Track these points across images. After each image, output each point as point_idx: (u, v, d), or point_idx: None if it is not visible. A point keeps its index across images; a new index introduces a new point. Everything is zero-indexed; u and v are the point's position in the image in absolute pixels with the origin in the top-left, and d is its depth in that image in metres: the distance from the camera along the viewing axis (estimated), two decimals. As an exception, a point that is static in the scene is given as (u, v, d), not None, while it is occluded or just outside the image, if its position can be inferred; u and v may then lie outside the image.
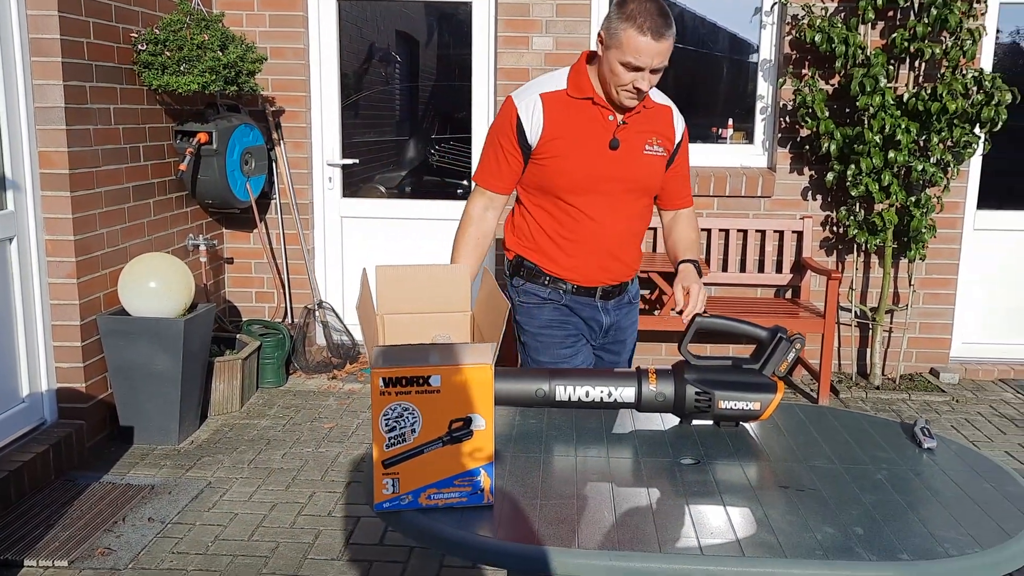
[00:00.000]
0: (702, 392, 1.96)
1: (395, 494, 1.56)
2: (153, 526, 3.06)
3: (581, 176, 2.27)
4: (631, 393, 1.98)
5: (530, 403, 1.99)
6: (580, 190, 2.28)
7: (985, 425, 4.25)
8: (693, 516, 1.55)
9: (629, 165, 2.29)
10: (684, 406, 1.97)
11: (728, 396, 1.96)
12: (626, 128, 2.28)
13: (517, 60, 4.75)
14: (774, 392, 1.96)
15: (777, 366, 2.01)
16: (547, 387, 1.98)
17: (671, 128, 2.36)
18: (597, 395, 1.97)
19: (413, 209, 5.10)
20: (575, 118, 2.25)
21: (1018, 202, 5.07)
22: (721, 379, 1.98)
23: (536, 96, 2.25)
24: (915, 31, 4.33)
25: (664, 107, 2.37)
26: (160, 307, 3.68)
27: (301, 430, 4.00)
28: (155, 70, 3.90)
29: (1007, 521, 1.55)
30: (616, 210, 2.33)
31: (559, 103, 2.25)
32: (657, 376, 1.99)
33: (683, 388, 1.97)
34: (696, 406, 1.96)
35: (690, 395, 1.96)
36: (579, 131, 2.25)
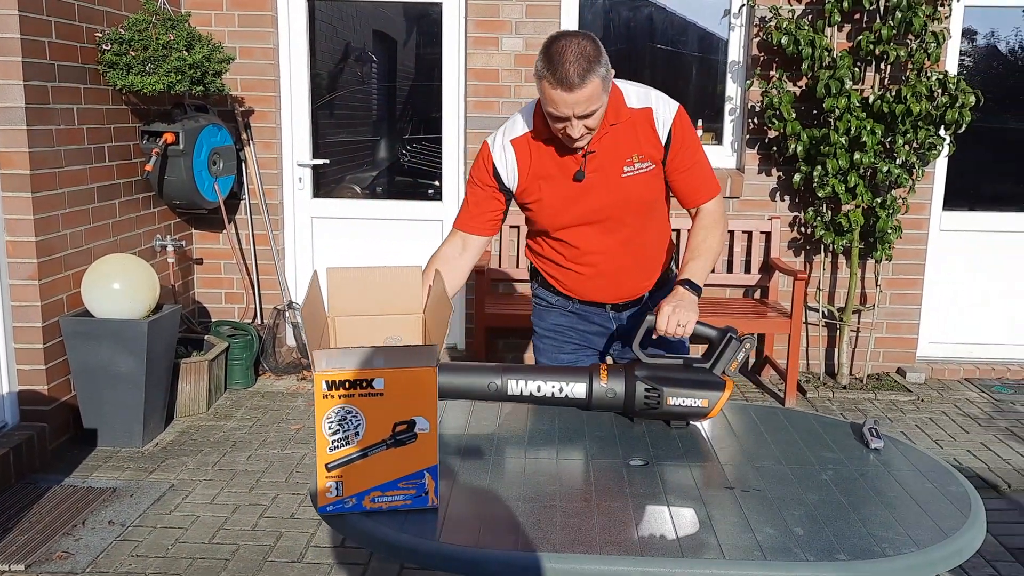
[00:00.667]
0: (651, 389, 1.97)
1: (339, 497, 1.56)
2: (113, 529, 3.04)
3: (557, 214, 2.25)
4: (582, 389, 2.00)
5: (483, 396, 2.01)
6: (563, 226, 2.27)
7: (949, 424, 4.30)
8: (636, 517, 1.56)
9: (606, 193, 2.21)
10: (634, 403, 1.99)
11: (677, 393, 1.98)
12: (595, 156, 2.18)
13: (487, 61, 4.75)
14: (722, 390, 1.99)
15: (727, 365, 2.04)
16: (499, 381, 2.00)
17: (653, 133, 2.19)
18: (548, 390, 1.99)
19: (384, 210, 5.09)
20: (543, 160, 2.22)
21: (983, 203, 5.13)
22: (671, 376, 2.00)
23: (507, 143, 2.23)
24: (880, 34, 4.36)
25: (642, 111, 2.19)
26: (124, 308, 3.65)
27: (268, 432, 3.98)
28: (120, 70, 3.87)
29: (945, 520, 1.57)
30: (611, 235, 2.26)
31: (527, 147, 2.22)
32: (608, 373, 2.01)
33: (633, 385, 1.99)
34: (646, 403, 1.98)
35: (640, 392, 1.98)
36: (548, 172, 2.22)
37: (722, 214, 2.33)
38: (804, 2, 4.64)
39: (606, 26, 4.99)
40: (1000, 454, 3.92)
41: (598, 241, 2.28)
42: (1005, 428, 4.25)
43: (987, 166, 5.18)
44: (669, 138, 2.20)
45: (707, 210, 2.30)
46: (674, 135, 2.20)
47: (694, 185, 2.28)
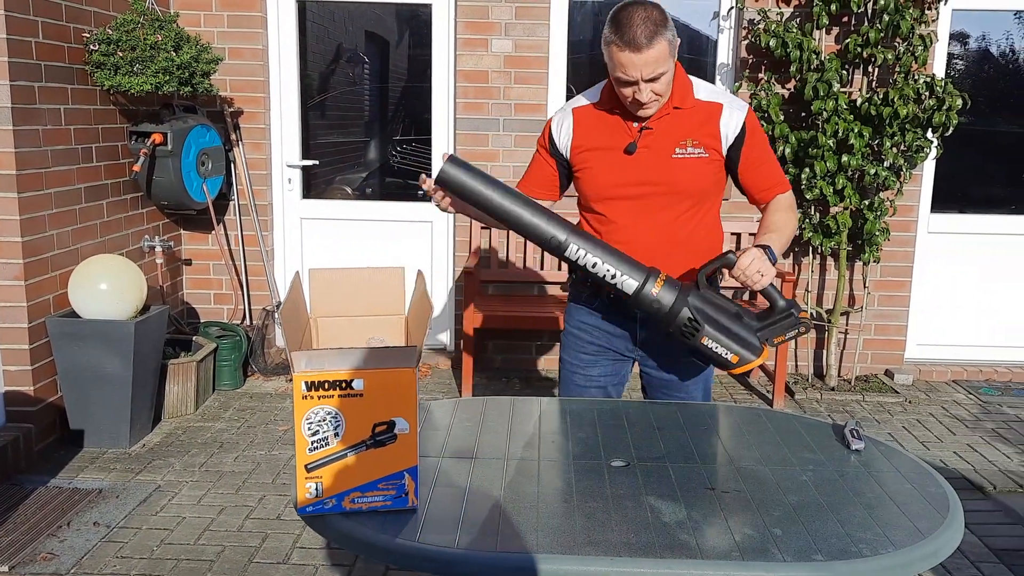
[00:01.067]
0: (694, 320, 1.98)
1: (318, 498, 1.56)
2: (99, 530, 3.03)
3: (602, 183, 2.27)
4: (633, 285, 2.00)
5: (540, 243, 2.02)
6: (605, 197, 2.28)
7: (936, 426, 4.31)
8: (616, 518, 1.56)
9: (653, 169, 2.22)
10: (672, 323, 2.00)
11: (714, 336, 2.00)
12: (651, 132, 2.22)
13: (476, 62, 4.75)
14: (757, 355, 2.00)
15: (774, 335, 2.05)
16: (563, 238, 2.00)
17: (715, 127, 2.22)
18: (603, 270, 2.01)
19: (374, 211, 5.09)
20: (600, 128, 2.27)
21: (971, 205, 5.15)
22: (718, 319, 2.01)
23: (569, 110, 2.32)
24: (868, 37, 4.38)
25: (712, 104, 2.24)
26: (111, 309, 3.65)
27: (255, 433, 3.98)
28: (107, 70, 3.87)
29: (923, 521, 1.58)
30: (647, 216, 2.26)
31: (588, 116, 2.29)
32: (664, 284, 2.01)
33: (680, 307, 1.99)
34: (682, 330, 1.99)
35: (683, 317, 1.98)
36: (602, 140, 2.27)
37: (793, 207, 2.34)
38: (792, 5, 4.66)
39: (596, 28, 5.00)
40: (986, 456, 3.94)
41: (636, 219, 2.27)
42: (992, 430, 4.27)
43: (976, 168, 5.20)
44: (742, 134, 2.24)
45: (783, 197, 2.32)
46: (747, 131, 2.24)
47: (767, 178, 2.31)
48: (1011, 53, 5.09)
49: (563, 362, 2.50)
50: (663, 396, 2.45)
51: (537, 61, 4.75)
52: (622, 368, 2.47)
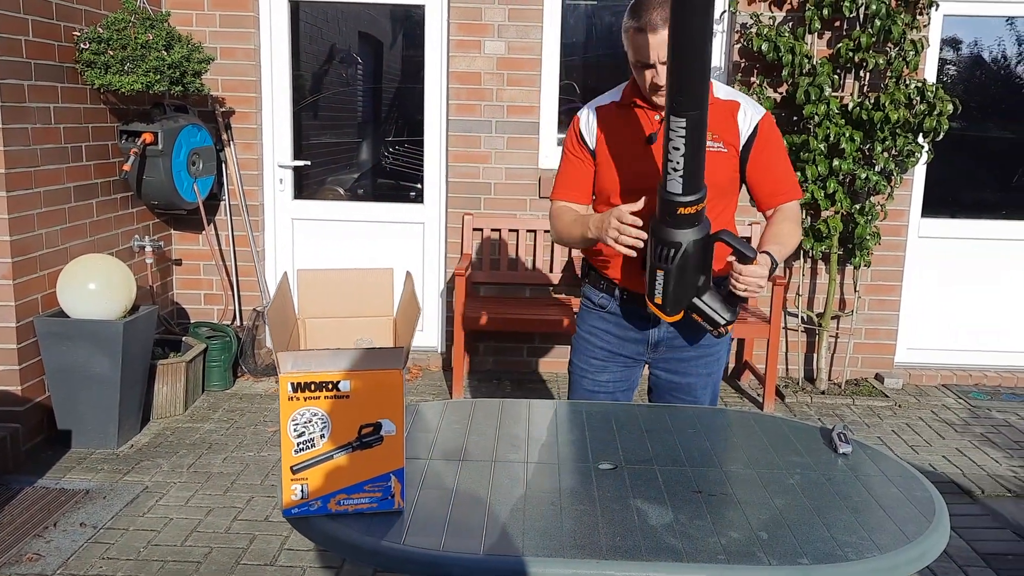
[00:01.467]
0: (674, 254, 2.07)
1: (304, 499, 1.55)
2: (85, 531, 3.01)
3: (623, 175, 2.29)
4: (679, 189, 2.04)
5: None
6: (624, 189, 2.29)
7: (925, 430, 4.32)
8: (602, 521, 1.56)
9: None
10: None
11: (709, 299, 2.16)
12: None
13: (469, 64, 4.75)
14: (670, 315, 2.17)
15: (698, 313, 2.18)
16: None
17: (734, 124, 2.25)
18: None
19: (366, 212, 5.08)
20: (622, 124, 2.30)
21: (962, 210, 5.17)
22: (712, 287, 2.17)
23: (592, 109, 2.36)
24: (860, 42, 4.39)
25: (729, 103, 2.27)
26: (100, 309, 3.63)
27: (244, 434, 3.96)
28: (98, 69, 3.85)
29: (909, 525, 1.58)
30: None
31: (610, 113, 2.33)
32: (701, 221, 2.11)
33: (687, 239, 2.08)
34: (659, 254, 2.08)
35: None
36: (624, 134, 2.30)
37: (798, 218, 2.34)
38: (785, 9, 4.67)
39: (588, 30, 5.01)
40: (975, 460, 3.95)
41: (652, 212, 2.24)
42: (981, 434, 4.28)
43: (968, 174, 5.22)
44: (754, 133, 2.25)
45: (789, 207, 2.32)
46: (760, 132, 2.26)
47: (776, 183, 2.31)
48: (1003, 59, 5.11)
49: (573, 366, 2.50)
50: (671, 401, 2.44)
51: (530, 63, 4.74)
52: (632, 373, 2.47)
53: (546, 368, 5.07)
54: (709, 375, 2.42)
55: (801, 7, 4.57)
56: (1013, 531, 3.28)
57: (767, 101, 4.52)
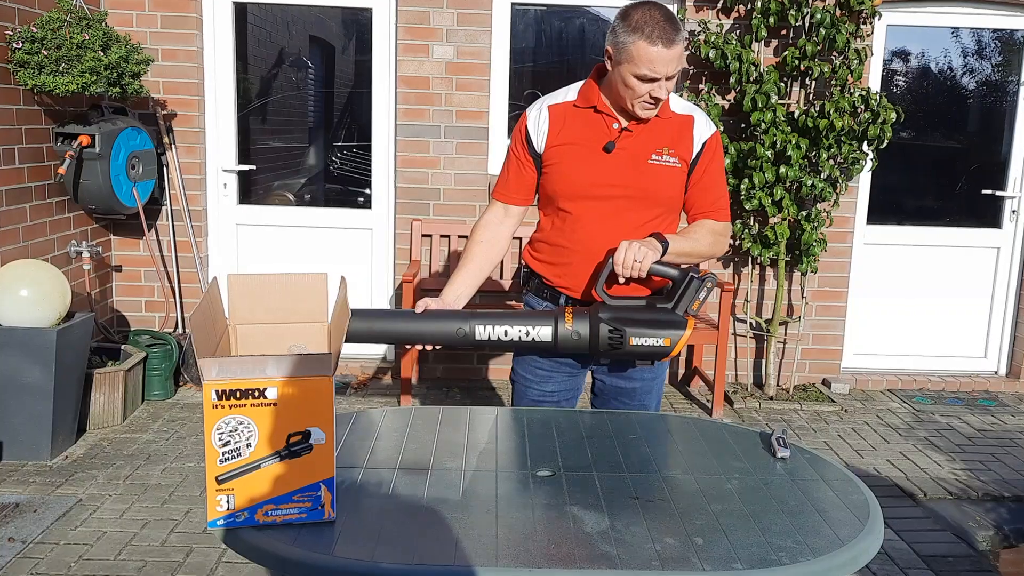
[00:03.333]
0: (615, 330, 2.05)
1: (230, 510, 1.50)
2: (13, 546, 2.90)
3: (575, 180, 2.25)
4: (548, 332, 2.06)
5: (451, 343, 2.05)
6: (575, 195, 2.26)
7: (871, 434, 4.37)
8: (538, 529, 1.53)
9: (628, 172, 2.22)
10: (598, 344, 2.06)
11: (639, 333, 2.06)
12: (630, 136, 2.23)
13: (417, 68, 4.71)
14: (684, 328, 2.07)
15: (689, 304, 2.13)
16: (467, 327, 2.04)
17: (689, 138, 2.25)
18: (515, 334, 2.05)
19: (312, 217, 5.01)
20: (578, 126, 2.27)
21: (907, 217, 5.25)
22: (633, 317, 2.08)
23: (544, 107, 2.31)
24: (805, 50, 4.44)
25: (685, 117, 2.28)
26: (32, 316, 3.51)
27: (185, 444, 3.86)
28: (31, 69, 3.74)
29: (843, 528, 1.57)
30: (615, 219, 2.24)
31: (564, 113, 2.28)
32: (573, 316, 2.07)
33: (597, 326, 2.06)
34: (609, 343, 2.05)
35: (604, 333, 2.05)
36: (579, 138, 2.26)
37: (722, 236, 2.33)
38: (732, 17, 4.71)
39: (537, 36, 5.00)
40: (918, 463, 4.00)
41: (603, 221, 2.25)
42: (924, 438, 4.34)
43: (913, 181, 5.31)
44: (702, 149, 2.27)
45: (712, 221, 2.32)
46: (706, 149, 2.28)
47: (707, 201, 2.32)
48: (949, 70, 5.21)
49: (516, 375, 2.46)
50: (616, 406, 2.43)
51: (479, 68, 4.72)
52: (576, 382, 2.45)
53: (495, 376, 5.04)
54: (654, 379, 2.41)
55: (748, 15, 4.61)
56: (953, 532, 3.32)
57: (715, 108, 4.55)
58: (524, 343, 2.06)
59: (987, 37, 5.12)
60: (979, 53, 5.18)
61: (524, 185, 2.36)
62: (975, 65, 5.19)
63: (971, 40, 5.13)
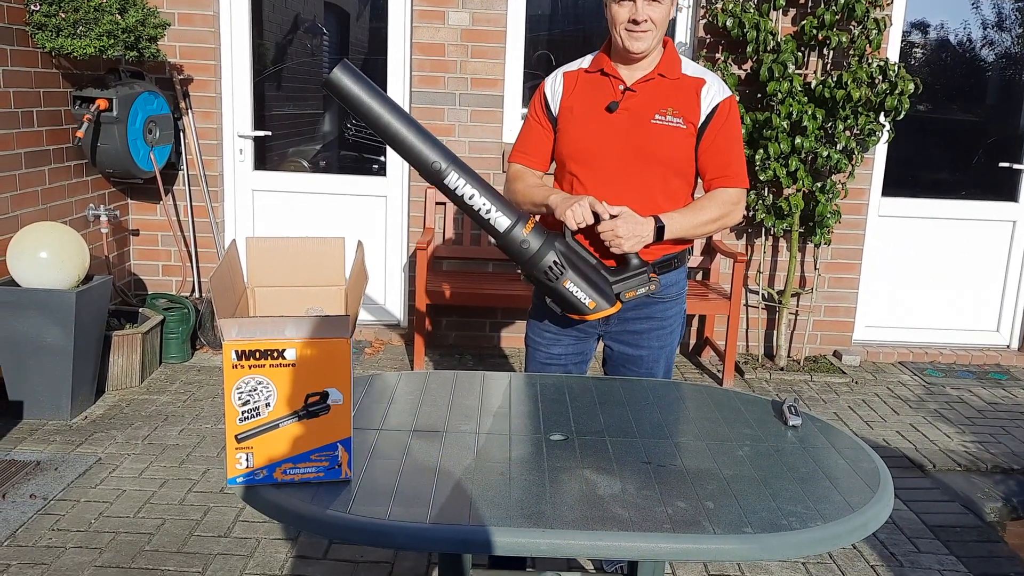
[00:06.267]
0: (558, 263, 2.09)
1: (249, 468, 1.53)
2: (35, 503, 2.97)
3: (581, 140, 2.28)
4: (505, 223, 2.07)
5: (420, 167, 2.03)
6: (581, 157, 2.28)
7: (880, 406, 4.39)
8: (550, 491, 1.56)
9: (631, 131, 2.23)
10: (537, 264, 2.09)
11: (576, 281, 2.12)
12: (634, 96, 2.25)
13: (433, 35, 4.69)
14: (611, 304, 2.15)
15: (626, 290, 2.18)
16: (444, 166, 2.03)
17: (696, 101, 2.25)
18: (479, 203, 2.06)
19: (327, 184, 5.02)
20: (587, 90, 2.31)
21: (922, 190, 5.22)
22: (579, 266, 2.13)
23: (560, 74, 2.37)
24: (824, 19, 4.40)
25: (695, 79, 2.28)
26: (52, 278, 3.55)
27: (201, 406, 3.92)
28: (49, 32, 3.75)
29: (854, 495, 1.59)
30: (621, 181, 2.25)
31: (577, 79, 2.34)
32: (534, 227, 2.09)
33: (547, 251, 2.09)
34: (546, 271, 2.09)
35: (547, 259, 2.09)
36: (586, 100, 2.30)
37: (734, 204, 2.32)
38: (751, -15, 4.66)
39: (553, 6, 4.96)
40: (928, 435, 4.02)
41: (608, 182, 2.26)
42: (934, 410, 4.36)
43: (929, 154, 5.27)
44: (712, 113, 2.26)
45: (724, 190, 2.31)
46: (718, 113, 2.26)
47: (720, 165, 2.30)
48: (968, 41, 5.15)
49: (527, 339, 2.51)
50: (625, 373, 2.45)
51: (494, 35, 4.70)
52: (585, 346, 2.47)
53: (508, 343, 5.07)
54: (662, 348, 2.43)
55: (767, -16, 4.56)
56: (961, 503, 3.35)
57: (731, 78, 4.52)
58: (479, 216, 2.06)
59: (1008, 8, 5.05)
60: (999, 25, 5.11)
61: (542, 148, 2.38)
62: (995, 37, 5.13)
63: (991, 11, 5.06)
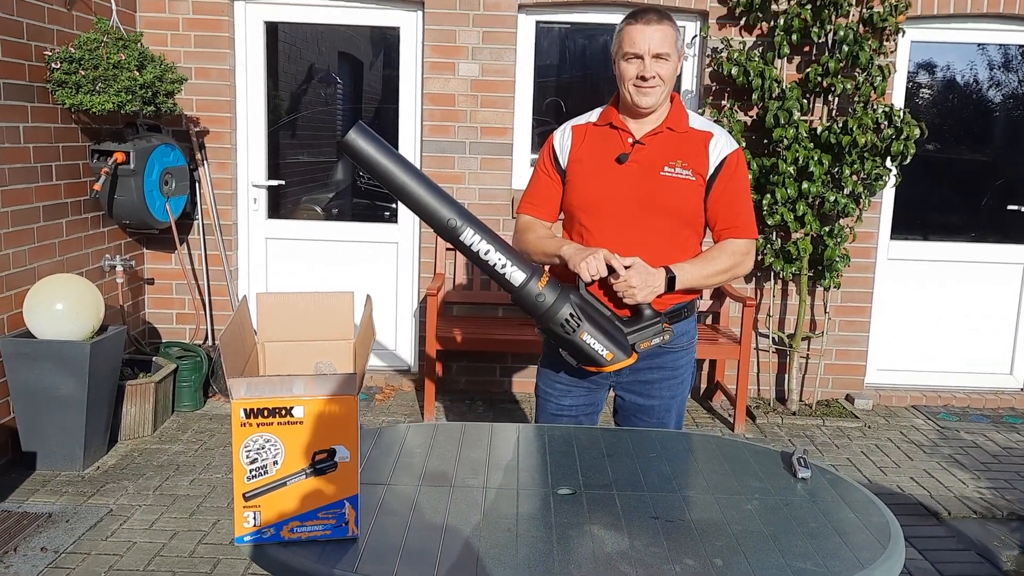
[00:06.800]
0: (575, 316, 2.10)
1: (257, 527, 1.54)
2: (46, 556, 2.97)
3: (591, 191, 2.32)
4: (519, 278, 2.09)
5: (435, 224, 2.06)
6: (591, 208, 2.32)
7: (894, 451, 4.35)
8: (557, 549, 1.56)
9: (641, 183, 2.26)
10: (553, 317, 2.11)
11: (593, 333, 2.12)
12: (643, 148, 2.29)
13: (443, 86, 4.77)
14: (628, 356, 2.16)
15: (641, 340, 2.20)
16: (459, 223, 2.06)
17: (704, 153, 2.29)
18: (494, 259, 2.08)
19: (339, 231, 5.08)
20: (596, 143, 2.36)
21: (932, 233, 5.23)
22: (596, 318, 2.15)
23: (568, 127, 2.42)
24: (828, 66, 4.45)
25: (703, 133, 2.33)
26: (67, 329, 3.59)
27: (213, 455, 3.93)
28: (69, 89, 3.84)
29: (864, 551, 1.59)
30: (630, 232, 2.27)
31: (586, 132, 2.39)
32: (549, 281, 2.11)
33: (563, 303, 2.10)
34: (562, 324, 2.11)
35: (564, 312, 2.10)
36: (596, 152, 2.34)
37: (744, 254, 2.35)
38: (755, 34, 4.73)
39: (561, 53, 5.05)
40: (943, 481, 3.98)
41: (617, 233, 2.28)
42: (949, 455, 4.31)
43: (937, 196, 5.29)
44: (721, 165, 2.30)
45: (734, 241, 2.34)
46: (726, 165, 2.30)
47: (729, 217, 2.34)
48: (974, 83, 5.19)
49: (538, 388, 2.52)
50: (636, 423, 2.46)
51: (504, 85, 4.77)
52: (596, 397, 2.48)
53: (519, 388, 5.07)
54: (673, 397, 2.44)
55: (771, 32, 4.63)
56: (977, 552, 3.30)
57: (737, 124, 4.57)
58: (495, 271, 2.08)
59: (1014, 51, 5.09)
60: (1005, 67, 5.15)
61: (550, 199, 2.41)
62: (1001, 79, 5.17)
63: (997, 54, 5.11)
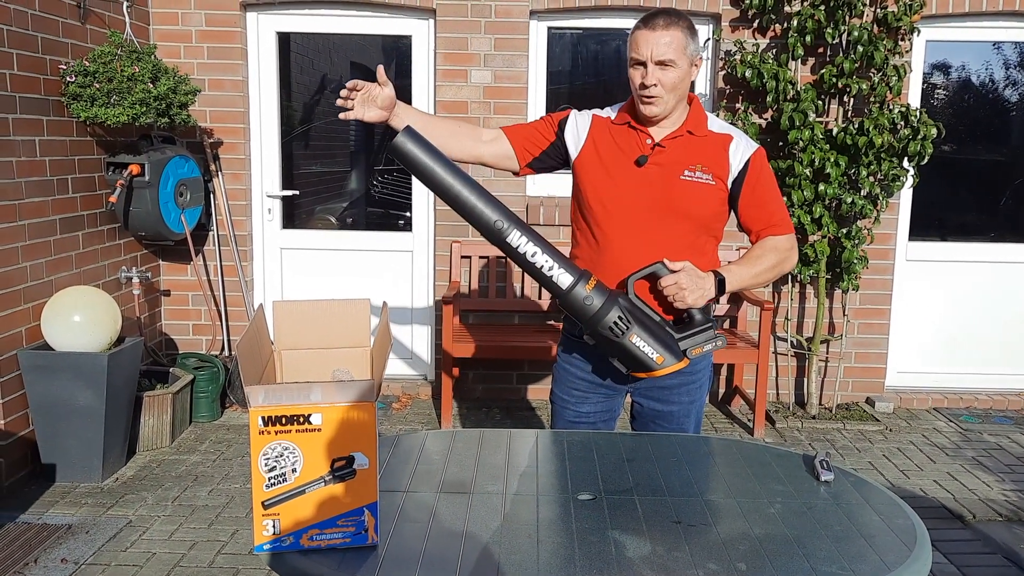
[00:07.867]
0: (623, 319, 2.06)
1: (276, 535, 1.53)
2: (66, 567, 2.98)
3: (608, 191, 2.28)
4: (567, 281, 2.06)
5: (481, 226, 2.04)
6: (609, 208, 2.28)
7: (916, 454, 4.30)
8: (578, 554, 1.54)
9: (660, 186, 2.24)
10: (601, 320, 2.06)
11: (643, 336, 2.08)
12: (663, 151, 2.26)
13: (456, 93, 4.77)
14: (678, 360, 2.11)
15: (693, 346, 2.15)
16: (505, 225, 2.03)
17: (724, 157, 2.25)
18: (541, 261, 2.05)
19: (354, 241, 5.08)
20: (613, 140, 2.32)
21: (950, 233, 5.18)
22: (645, 322, 2.10)
23: (589, 114, 2.38)
24: (843, 67, 4.42)
25: (722, 136, 2.29)
26: (84, 341, 3.61)
27: (231, 465, 3.93)
28: (84, 102, 3.86)
29: (889, 554, 1.56)
30: (648, 235, 2.25)
31: (605, 126, 2.35)
32: (596, 285, 2.07)
33: (610, 307, 2.06)
34: (611, 327, 2.06)
35: (612, 316, 2.06)
36: (614, 150, 2.30)
37: (788, 250, 2.31)
38: (768, 36, 4.71)
39: (574, 59, 5.04)
40: (966, 484, 3.93)
41: (633, 235, 2.25)
42: (972, 458, 4.26)
43: (956, 196, 5.24)
44: (745, 168, 2.26)
45: (778, 238, 2.30)
46: (751, 167, 2.27)
47: (765, 216, 2.30)
48: (991, 82, 5.15)
49: (554, 395, 2.49)
50: (655, 429, 2.42)
51: (516, 91, 4.77)
52: (613, 403, 2.45)
53: (536, 395, 5.05)
54: (692, 403, 2.41)
55: (784, 34, 4.60)
56: (1004, 556, 3.25)
57: (752, 127, 4.54)
58: (542, 274, 2.05)
59: (1030, 49, 5.05)
60: (1021, 65, 5.11)
61: (531, 139, 2.38)
62: (1018, 77, 5.13)
63: (1014, 53, 5.06)
